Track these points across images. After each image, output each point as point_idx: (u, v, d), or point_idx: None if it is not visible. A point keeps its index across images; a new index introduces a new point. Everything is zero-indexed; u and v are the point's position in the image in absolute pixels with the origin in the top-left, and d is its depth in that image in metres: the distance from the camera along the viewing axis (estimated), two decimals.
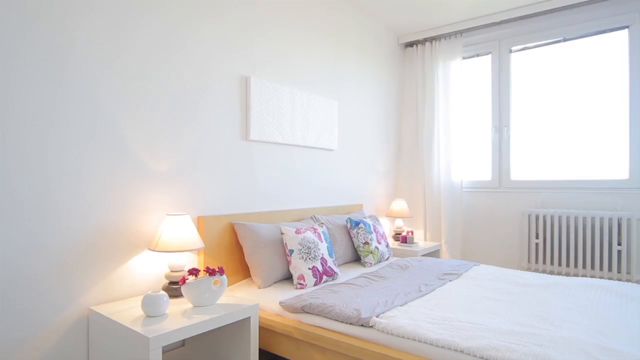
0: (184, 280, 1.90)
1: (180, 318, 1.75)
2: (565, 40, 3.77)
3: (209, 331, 2.14)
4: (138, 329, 1.61)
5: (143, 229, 2.12)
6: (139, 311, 1.83)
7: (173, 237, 2.00)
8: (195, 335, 2.22)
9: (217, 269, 1.94)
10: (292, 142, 3.01)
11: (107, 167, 1.96)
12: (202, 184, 2.42)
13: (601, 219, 3.47)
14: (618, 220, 3.40)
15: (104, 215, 1.95)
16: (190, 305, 1.92)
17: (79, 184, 1.86)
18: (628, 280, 3.39)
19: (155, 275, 2.18)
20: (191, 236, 2.06)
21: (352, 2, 3.65)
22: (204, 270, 1.94)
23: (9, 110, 1.65)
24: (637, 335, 1.63)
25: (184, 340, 2.29)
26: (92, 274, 1.91)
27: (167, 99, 2.22)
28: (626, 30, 3.49)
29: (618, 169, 3.54)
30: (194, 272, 1.92)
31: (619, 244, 3.41)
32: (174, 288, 2.05)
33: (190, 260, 2.33)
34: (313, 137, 3.21)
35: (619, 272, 3.42)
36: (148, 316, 1.76)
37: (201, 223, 2.38)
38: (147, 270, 2.14)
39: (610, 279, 3.44)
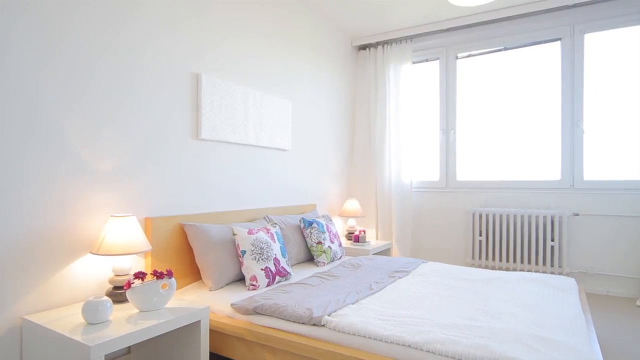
0: (129, 284, 1.81)
1: (125, 324, 1.67)
2: (505, 49, 4.02)
3: (157, 337, 2.07)
4: (78, 337, 1.52)
5: (85, 232, 2.00)
6: (79, 319, 1.73)
7: (118, 239, 1.91)
8: (142, 342, 2.13)
9: (165, 272, 1.88)
10: (245, 142, 2.97)
11: (45, 166, 1.83)
12: (150, 184, 2.33)
13: (537, 217, 3.73)
14: (551, 218, 3.68)
15: (40, 217, 1.82)
16: (137, 311, 1.84)
17: (11, 183, 1.72)
18: (560, 273, 3.67)
19: (99, 280, 2.07)
20: (137, 238, 1.97)
21: (306, 3, 3.66)
22: (151, 274, 1.87)
23: None
24: (568, 324, 1.77)
25: (129, 347, 2.19)
26: (26, 281, 1.78)
27: (112, 95, 2.11)
28: (559, 42, 3.78)
29: (551, 170, 3.82)
30: (140, 275, 1.84)
31: (552, 240, 3.68)
32: (118, 293, 1.95)
33: (137, 264, 2.23)
34: (266, 136, 3.19)
35: (552, 265, 3.69)
36: (89, 323, 1.67)
37: (149, 224, 2.28)
38: (89, 275, 2.02)
39: (544, 272, 3.71)
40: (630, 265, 3.48)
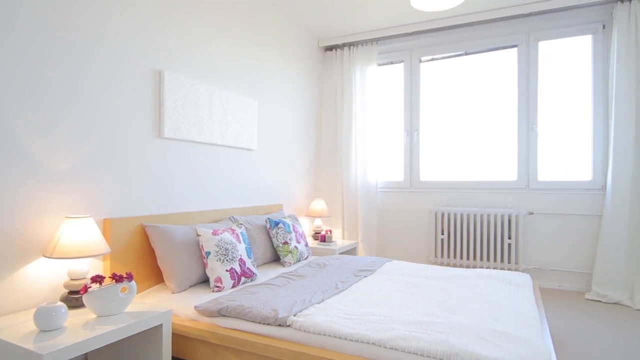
0: (85, 288, 1.74)
1: (81, 330, 1.60)
2: (466, 54, 4.16)
3: (116, 342, 1.99)
4: (29, 345, 1.45)
5: (37, 234, 1.90)
6: (31, 326, 1.64)
7: (73, 241, 1.82)
8: (100, 348, 2.05)
9: (125, 275, 1.82)
10: (210, 141, 2.92)
11: None
12: (109, 184, 2.24)
13: (495, 216, 3.89)
14: (508, 216, 3.84)
15: None
16: (94, 316, 1.77)
17: None
18: (516, 270, 3.84)
19: (53, 284, 1.97)
20: (95, 240, 1.89)
21: (273, 2, 3.64)
22: (110, 277, 1.80)
23: None
24: (522, 318, 1.86)
25: (86, 354, 2.10)
26: None
27: (67, 90, 2.02)
28: (515, 48, 3.95)
29: (508, 171, 4.00)
30: (97, 279, 1.77)
31: (509, 238, 3.85)
32: (74, 298, 1.87)
33: (94, 267, 2.15)
34: (232, 136, 3.14)
35: (509, 262, 3.86)
36: (42, 331, 1.59)
37: (107, 226, 2.20)
38: (42, 279, 1.92)
39: (502, 269, 3.87)
40: (580, 261, 3.69)
